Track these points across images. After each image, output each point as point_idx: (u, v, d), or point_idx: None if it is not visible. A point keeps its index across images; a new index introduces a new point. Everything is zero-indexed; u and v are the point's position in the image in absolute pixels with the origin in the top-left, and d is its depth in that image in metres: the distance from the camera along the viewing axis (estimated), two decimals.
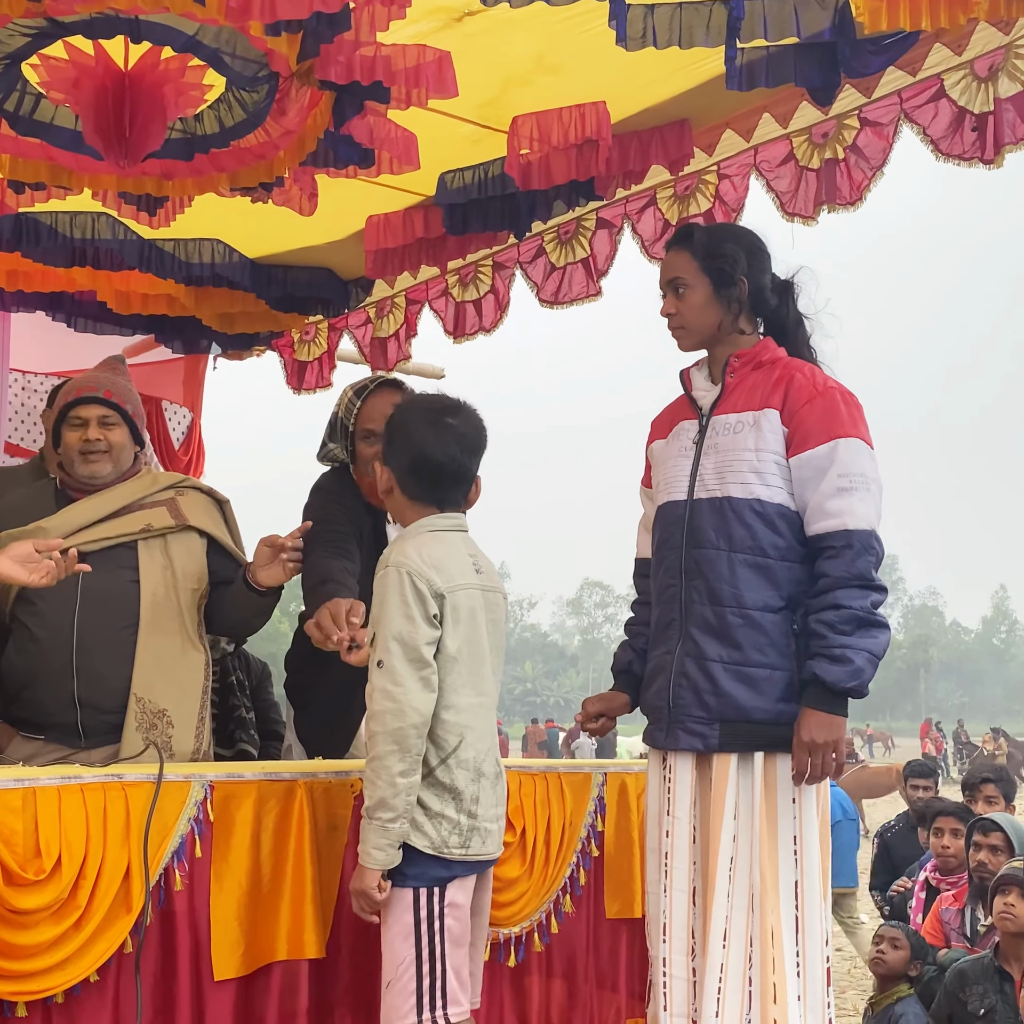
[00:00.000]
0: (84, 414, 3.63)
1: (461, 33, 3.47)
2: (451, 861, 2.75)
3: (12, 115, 3.70)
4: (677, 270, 3.16)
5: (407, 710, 2.67)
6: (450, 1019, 2.73)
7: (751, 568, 2.99)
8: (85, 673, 3.43)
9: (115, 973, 2.70)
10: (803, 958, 2.92)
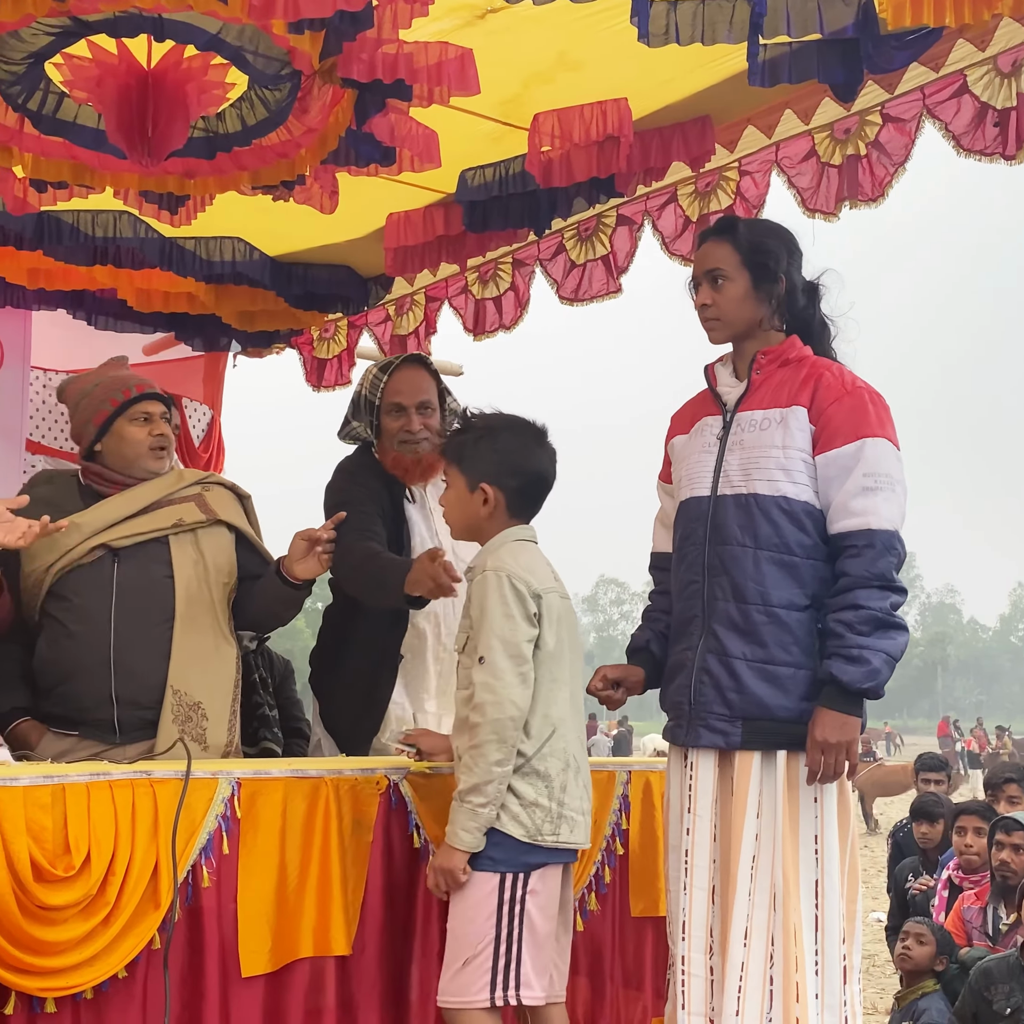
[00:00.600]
0: (151, 409, 3.71)
1: (483, 30, 3.47)
2: (543, 848, 2.86)
3: (35, 114, 3.71)
4: (717, 261, 3.14)
5: (506, 703, 2.81)
6: (522, 1000, 2.83)
7: (777, 565, 2.99)
8: (123, 669, 3.45)
9: (143, 969, 2.72)
10: (822, 956, 2.92)
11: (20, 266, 4.95)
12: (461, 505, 3.09)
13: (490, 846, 2.84)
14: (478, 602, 2.93)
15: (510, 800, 2.85)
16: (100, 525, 3.55)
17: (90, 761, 3.04)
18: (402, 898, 3.13)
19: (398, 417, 3.85)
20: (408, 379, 3.89)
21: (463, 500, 3.08)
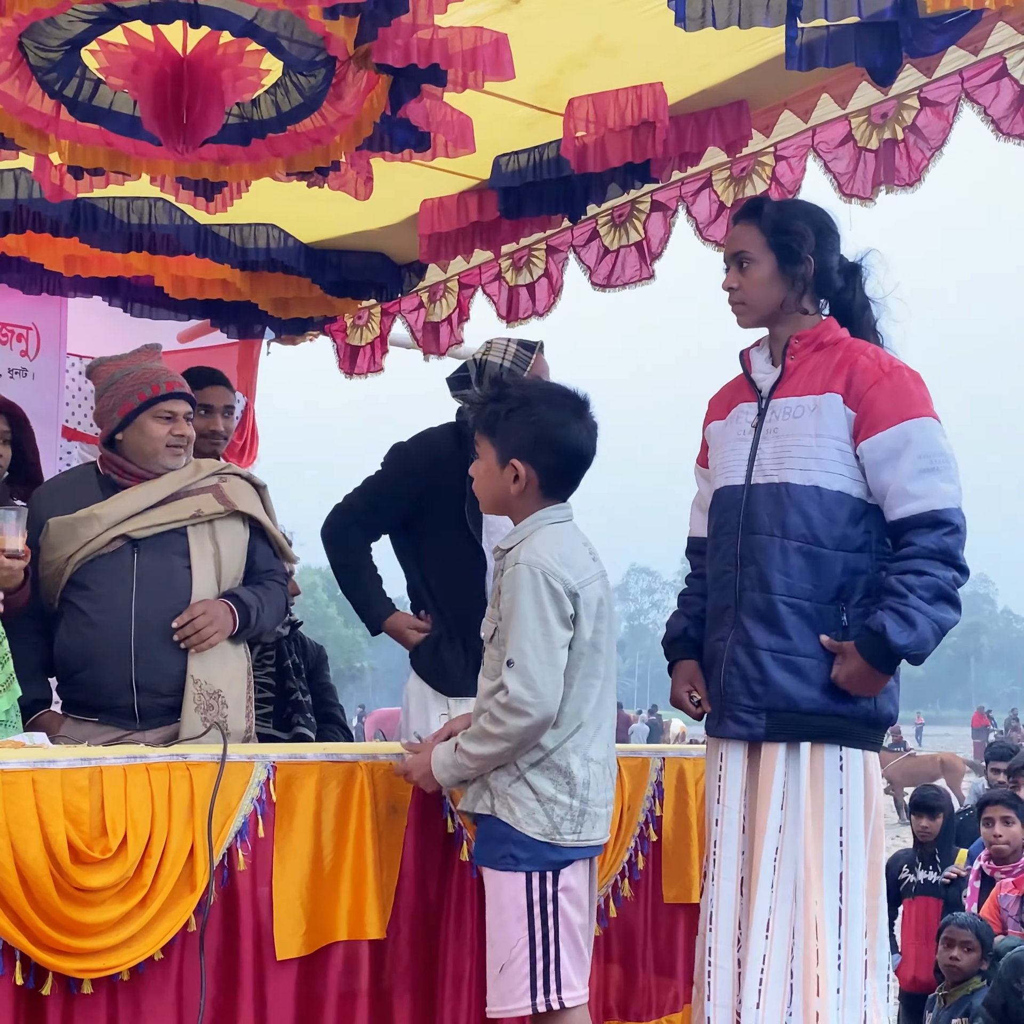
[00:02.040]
0: (176, 409, 3.72)
1: (519, 15, 3.46)
2: (564, 847, 2.76)
3: (71, 101, 3.72)
4: (743, 244, 3.12)
5: (535, 713, 2.70)
6: (564, 1003, 2.73)
7: (804, 556, 2.96)
8: (143, 657, 3.50)
9: (179, 951, 2.73)
10: (845, 950, 2.90)
11: (56, 253, 4.98)
12: (491, 480, 2.90)
13: (511, 844, 2.75)
14: (509, 596, 2.77)
15: (525, 796, 2.75)
16: (120, 516, 3.60)
17: (126, 744, 3.05)
18: (436, 883, 3.14)
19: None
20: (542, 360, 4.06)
21: (493, 475, 2.89)
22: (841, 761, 2.94)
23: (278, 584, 3.84)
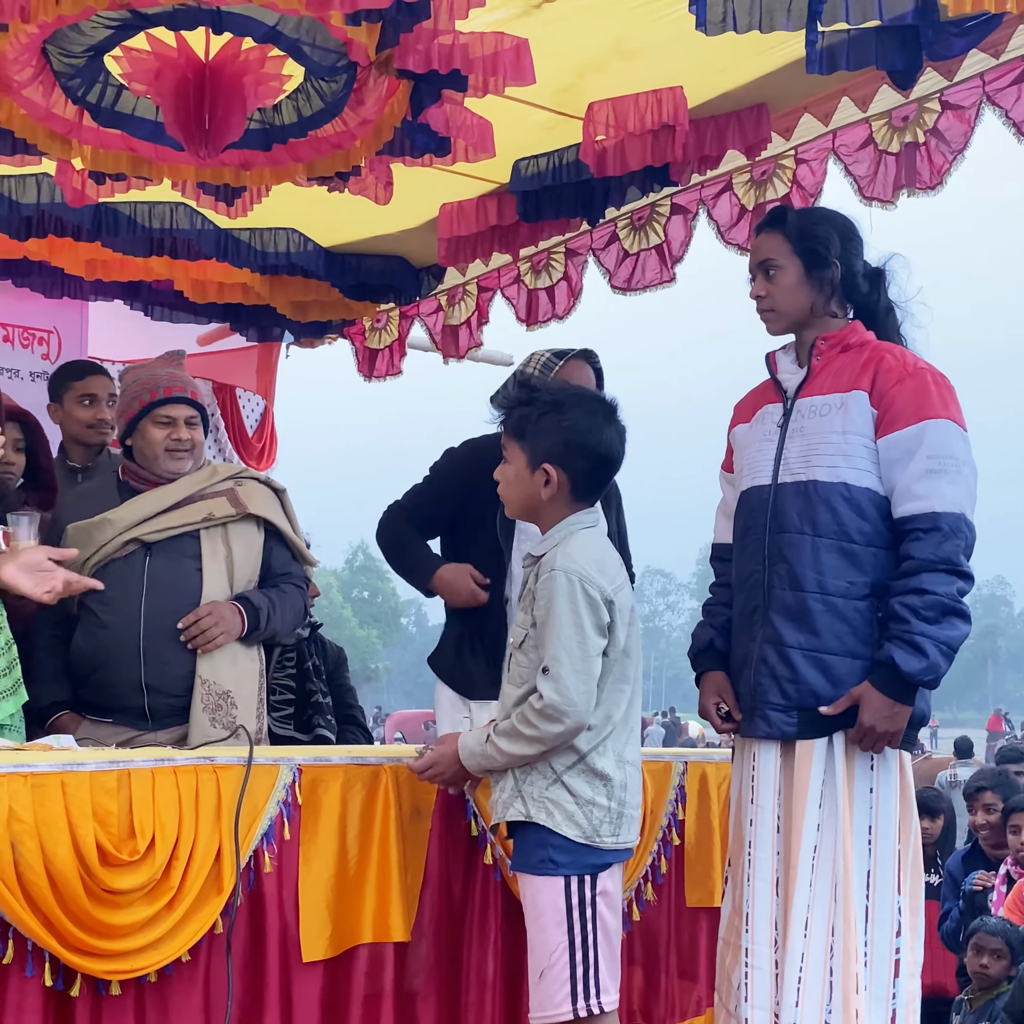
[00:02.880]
0: (174, 413, 3.72)
1: (539, 20, 3.47)
2: (603, 850, 2.76)
3: (94, 107, 3.75)
4: (768, 252, 3.12)
5: (567, 722, 2.69)
6: (604, 1008, 2.73)
7: (836, 553, 2.96)
8: (152, 659, 3.53)
9: (206, 953, 2.74)
10: (871, 948, 2.89)
11: (78, 257, 5.01)
12: (520, 484, 2.86)
13: (550, 848, 2.73)
14: (544, 603, 2.73)
15: (564, 799, 2.72)
16: (133, 520, 3.63)
17: (154, 747, 3.07)
18: (460, 885, 3.15)
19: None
20: (576, 368, 3.98)
21: (522, 479, 2.85)
22: (872, 760, 2.93)
23: (295, 587, 3.83)
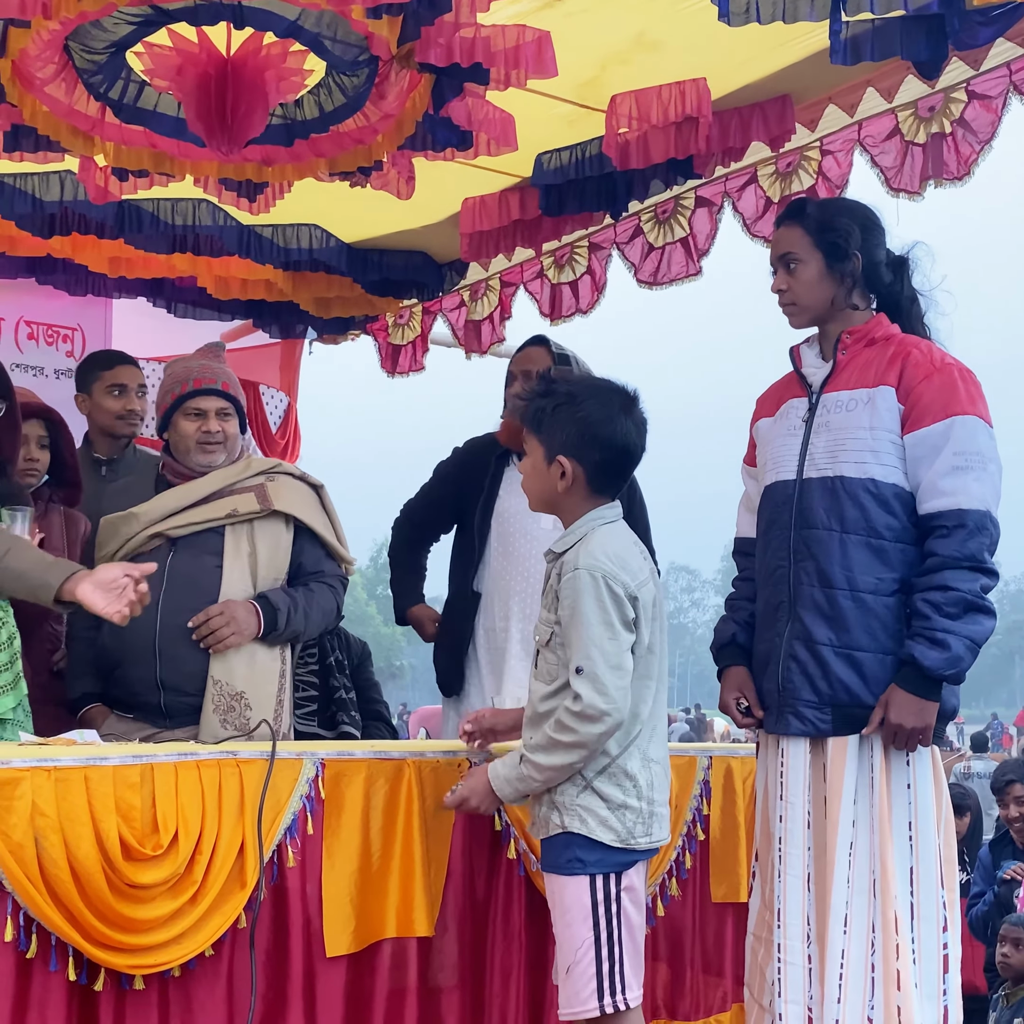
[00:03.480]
0: (204, 405, 3.68)
1: (561, 12, 3.46)
2: (636, 851, 2.74)
3: (116, 103, 3.75)
4: (789, 245, 3.11)
5: (607, 719, 2.67)
6: (629, 1004, 2.71)
7: (864, 549, 2.94)
8: (167, 656, 3.50)
9: (229, 948, 2.73)
10: (919, 945, 2.88)
11: (101, 255, 5.02)
12: (538, 477, 2.85)
13: (576, 848, 2.71)
14: (569, 603, 2.72)
15: (596, 804, 2.70)
16: (158, 515, 3.60)
17: (177, 742, 3.07)
18: (483, 880, 3.14)
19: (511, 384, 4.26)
20: (524, 353, 4.29)
21: (540, 472, 2.84)
22: (907, 756, 2.92)
23: (326, 586, 3.74)
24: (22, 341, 5.76)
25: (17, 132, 3.85)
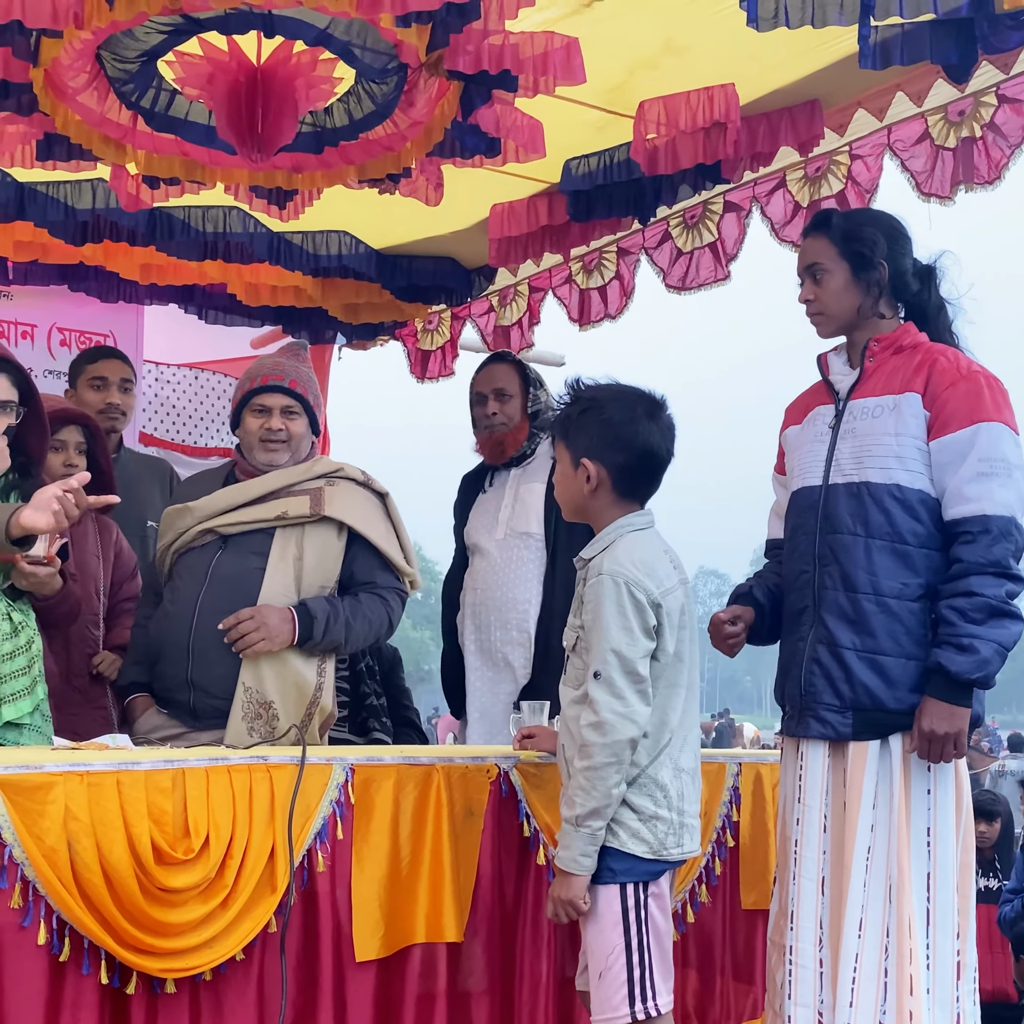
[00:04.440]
0: (268, 402, 3.64)
1: (589, 18, 3.46)
2: (667, 861, 2.74)
3: (148, 111, 3.78)
4: (815, 256, 3.12)
5: (628, 723, 2.66)
6: (660, 1009, 2.72)
7: (889, 554, 2.94)
8: (199, 655, 3.46)
9: (260, 952, 2.75)
10: (933, 951, 2.87)
11: (133, 262, 5.05)
12: (567, 483, 2.88)
13: (610, 859, 2.70)
14: (592, 607, 2.73)
15: (627, 816, 2.70)
16: (212, 511, 3.58)
17: (208, 746, 3.08)
18: (512, 886, 3.14)
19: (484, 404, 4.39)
20: (488, 372, 4.42)
21: (568, 478, 2.87)
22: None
23: (377, 597, 3.62)
24: (55, 347, 5.81)
25: (50, 141, 3.88)
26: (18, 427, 3.45)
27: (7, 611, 3.32)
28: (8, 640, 3.30)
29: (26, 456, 3.51)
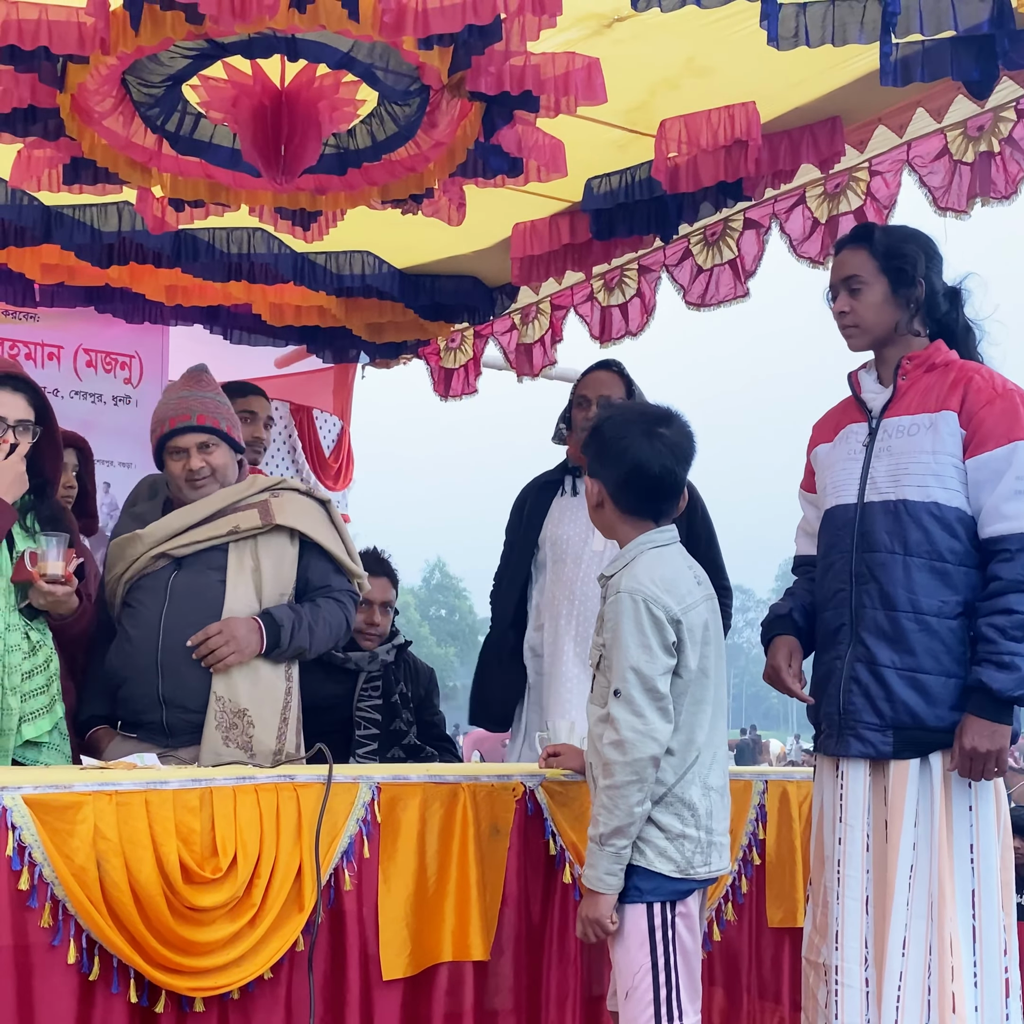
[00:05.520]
0: (182, 444, 3.61)
1: (610, 39, 3.48)
2: (694, 880, 2.73)
3: (173, 135, 3.81)
4: (854, 268, 3.10)
5: (648, 741, 2.65)
6: None
7: (928, 572, 2.94)
8: (169, 672, 3.47)
9: (288, 971, 2.76)
10: (980, 968, 2.86)
11: (159, 283, 5.10)
12: (589, 503, 2.92)
13: (637, 878, 2.69)
14: (612, 625, 2.74)
15: (653, 835, 2.68)
16: (162, 535, 3.59)
17: (236, 765, 3.10)
18: (539, 904, 3.14)
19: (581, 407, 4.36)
20: (595, 378, 4.38)
21: (590, 498, 2.90)
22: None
23: (334, 601, 3.67)
24: (81, 368, 5.86)
25: (76, 165, 3.92)
26: (33, 448, 3.49)
27: (26, 630, 3.36)
28: (27, 659, 3.33)
29: (41, 477, 3.56)
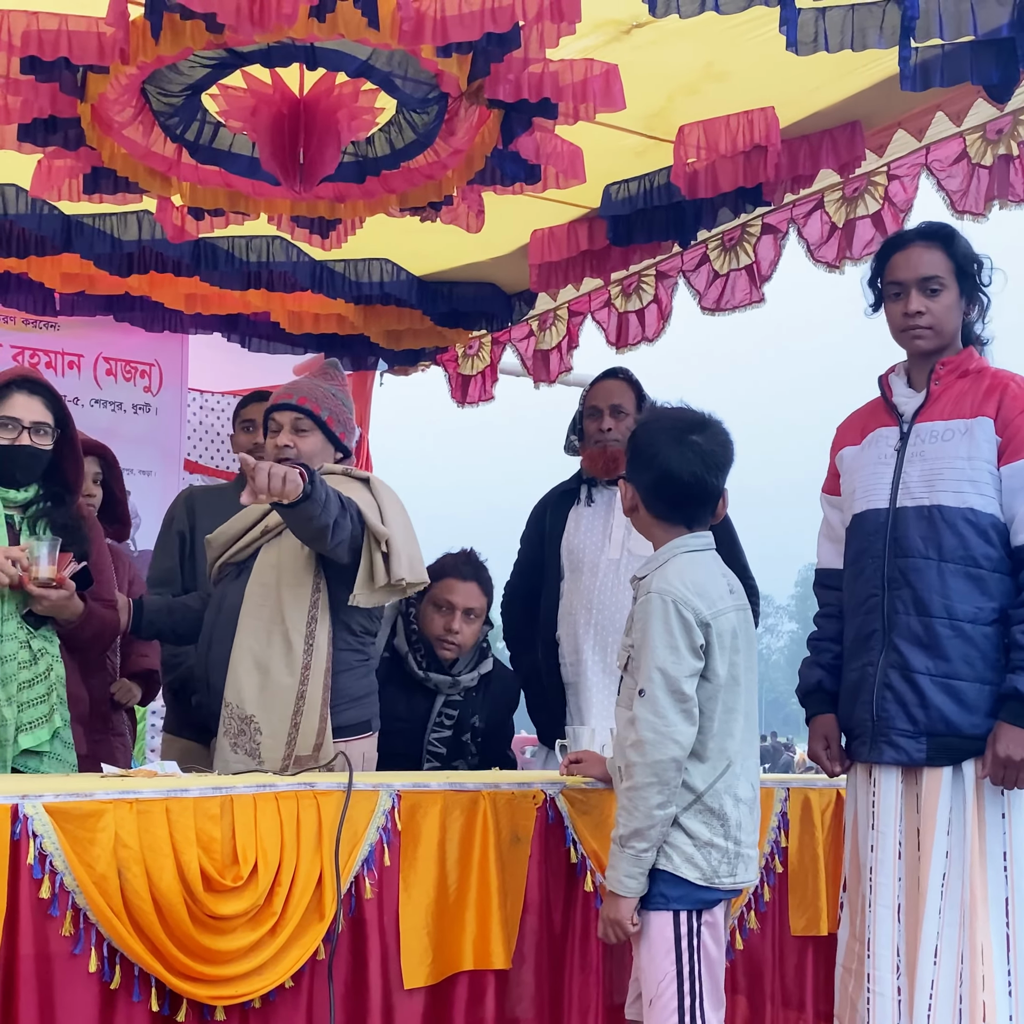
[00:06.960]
0: (278, 419, 3.63)
1: (629, 45, 3.48)
2: (720, 890, 2.71)
3: (192, 144, 3.83)
4: (934, 268, 3.06)
5: (668, 743, 2.63)
6: None
7: (963, 578, 2.93)
8: (211, 681, 3.53)
9: (308, 979, 2.74)
10: (1015, 976, 2.84)
11: (178, 292, 5.11)
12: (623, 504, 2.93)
13: (660, 884, 2.68)
14: (641, 625, 2.73)
15: (682, 841, 2.67)
16: (224, 539, 3.64)
17: (255, 773, 3.10)
18: (560, 913, 3.12)
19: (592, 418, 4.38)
20: (605, 387, 4.41)
21: (623, 499, 2.91)
22: None
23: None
24: (101, 377, 5.88)
25: (97, 175, 3.94)
26: (53, 454, 3.50)
27: (26, 639, 3.37)
28: (26, 668, 3.34)
29: (62, 484, 3.56)
